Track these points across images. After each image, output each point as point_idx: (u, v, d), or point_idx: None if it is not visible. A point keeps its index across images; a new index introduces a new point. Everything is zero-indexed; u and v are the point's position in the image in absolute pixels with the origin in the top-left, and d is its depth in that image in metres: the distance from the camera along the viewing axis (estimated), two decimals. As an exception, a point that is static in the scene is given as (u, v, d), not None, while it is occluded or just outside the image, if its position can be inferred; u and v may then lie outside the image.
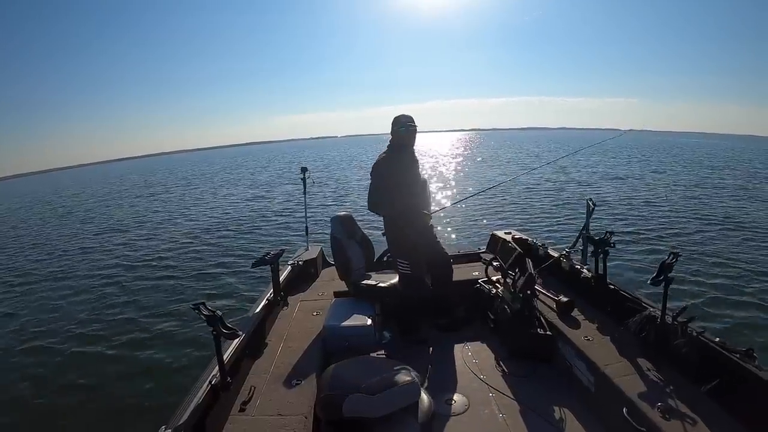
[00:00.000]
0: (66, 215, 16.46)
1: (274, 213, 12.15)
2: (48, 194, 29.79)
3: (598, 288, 2.45)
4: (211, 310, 1.66)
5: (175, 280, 6.77)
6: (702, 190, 13.40)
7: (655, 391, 1.70)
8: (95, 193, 26.01)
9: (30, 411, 3.66)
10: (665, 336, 1.88)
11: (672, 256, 1.92)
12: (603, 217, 8.99)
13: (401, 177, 2.65)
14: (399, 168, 2.65)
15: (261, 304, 2.50)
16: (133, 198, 19.89)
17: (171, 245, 9.18)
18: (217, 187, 20.73)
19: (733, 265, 6.10)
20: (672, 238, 7.69)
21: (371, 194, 2.70)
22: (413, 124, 2.63)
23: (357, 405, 1.46)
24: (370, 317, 2.44)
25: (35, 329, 5.30)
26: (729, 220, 8.91)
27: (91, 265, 8.15)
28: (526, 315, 2.43)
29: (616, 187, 13.99)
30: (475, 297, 2.95)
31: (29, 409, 3.67)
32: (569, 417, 1.97)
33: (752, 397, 1.54)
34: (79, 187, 34.17)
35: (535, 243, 3.18)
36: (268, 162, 41.26)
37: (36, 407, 3.69)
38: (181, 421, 1.45)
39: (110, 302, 6.01)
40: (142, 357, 4.38)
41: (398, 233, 2.69)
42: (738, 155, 30.77)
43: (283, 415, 1.68)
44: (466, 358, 2.56)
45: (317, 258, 3.43)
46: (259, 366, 2.07)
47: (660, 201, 11.34)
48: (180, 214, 13.66)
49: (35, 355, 4.64)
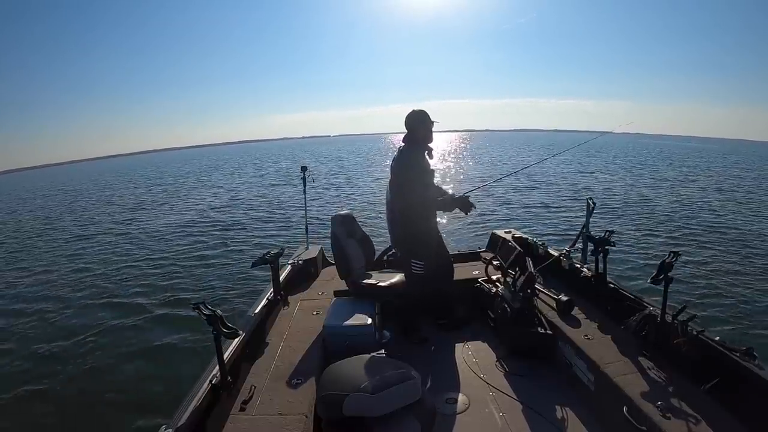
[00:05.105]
0: (65, 215, 16.43)
1: (274, 212, 12.15)
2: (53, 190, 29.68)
3: (598, 287, 2.45)
4: (211, 309, 1.65)
5: (175, 279, 6.76)
6: (702, 190, 13.43)
7: (656, 390, 1.70)
8: (80, 191, 25.82)
9: (30, 411, 3.65)
10: (665, 335, 1.88)
11: (672, 255, 1.92)
12: (603, 217, 9.00)
13: (430, 174, 2.66)
14: (426, 165, 2.65)
15: (261, 304, 2.50)
16: (126, 197, 19.76)
17: (170, 245, 9.16)
18: (216, 187, 20.70)
19: (733, 264, 6.11)
20: (672, 238, 7.71)
21: (411, 190, 2.53)
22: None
23: (357, 404, 1.46)
24: (371, 316, 2.44)
25: (34, 330, 5.29)
26: (729, 220, 8.93)
27: (90, 265, 8.13)
28: (526, 314, 2.43)
29: (616, 187, 14.00)
30: (476, 296, 2.95)
31: (29, 409, 3.67)
32: (569, 416, 1.97)
33: (752, 396, 1.54)
34: (61, 186, 33.80)
35: (535, 242, 3.19)
36: (268, 160, 41.42)
37: (35, 407, 3.69)
38: (182, 421, 1.45)
39: (110, 302, 6.00)
40: (142, 357, 4.37)
41: (418, 233, 2.64)
42: (737, 159, 30.89)
43: (284, 415, 1.68)
44: (467, 357, 2.56)
45: (317, 257, 3.43)
46: (259, 365, 2.07)
47: (660, 201, 11.36)
48: (177, 211, 13.63)
49: (35, 354, 4.63)
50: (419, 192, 2.54)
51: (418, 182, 2.55)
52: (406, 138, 2.64)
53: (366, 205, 12.12)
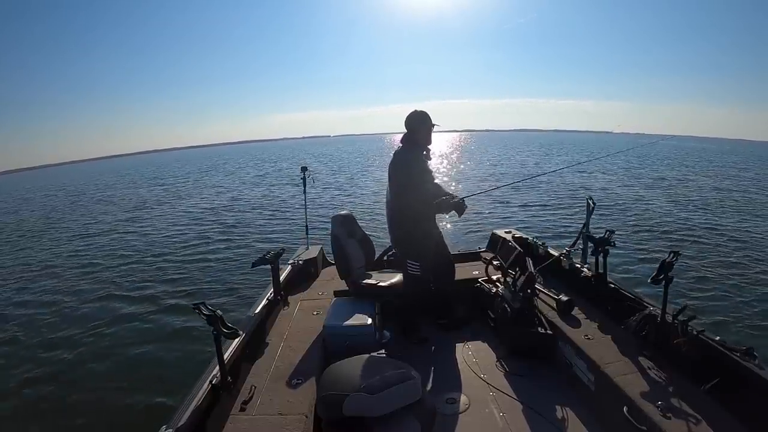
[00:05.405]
0: (66, 215, 16.43)
1: (274, 213, 12.14)
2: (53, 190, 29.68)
3: (599, 287, 2.45)
4: (211, 309, 1.65)
5: (175, 280, 6.75)
6: (702, 190, 13.42)
7: (656, 390, 1.70)
8: (87, 190, 25.88)
9: (29, 411, 3.65)
10: (665, 335, 1.88)
11: (672, 254, 1.92)
12: (603, 217, 8.99)
13: (429, 174, 2.67)
14: (426, 165, 2.65)
15: (261, 304, 2.50)
16: (126, 197, 19.76)
17: (170, 245, 9.15)
18: (216, 187, 20.69)
19: (734, 264, 6.11)
20: (672, 237, 7.70)
21: (409, 191, 2.53)
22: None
23: (357, 404, 1.46)
24: (371, 316, 2.44)
25: (33, 330, 5.29)
26: (729, 220, 8.92)
27: (90, 266, 8.13)
28: (526, 314, 2.43)
29: (616, 187, 14.00)
30: (476, 296, 2.95)
31: (28, 409, 3.67)
32: (570, 416, 1.97)
33: (752, 396, 1.54)
34: (72, 184, 33.91)
35: (535, 242, 3.18)
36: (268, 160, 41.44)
37: (35, 408, 3.69)
38: (182, 421, 1.45)
39: (109, 302, 6.00)
40: (142, 357, 4.37)
41: (415, 234, 2.63)
42: (736, 158, 30.90)
43: (284, 415, 1.68)
44: (467, 357, 2.56)
45: (317, 257, 3.43)
46: (259, 365, 2.07)
47: (660, 200, 11.35)
48: (178, 212, 13.63)
49: (34, 355, 4.63)
50: (417, 193, 2.53)
51: (416, 183, 2.54)
52: (404, 138, 2.63)
53: (366, 205, 12.12)
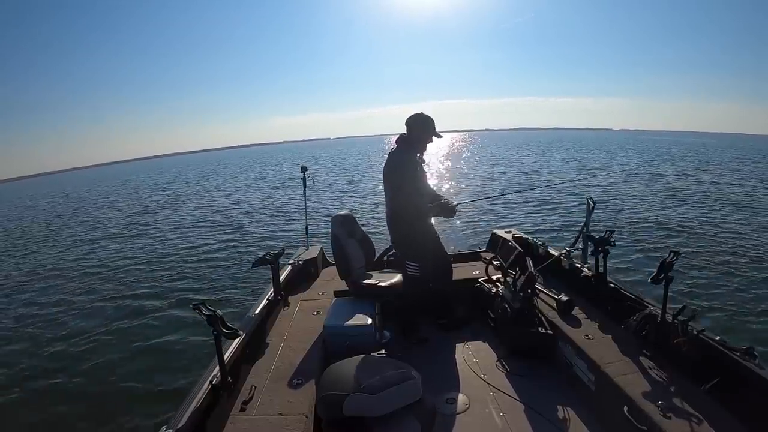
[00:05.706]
0: (69, 220, 16.45)
1: (274, 213, 12.14)
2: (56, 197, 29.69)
3: (599, 287, 2.45)
4: (211, 309, 1.65)
5: (175, 280, 6.76)
6: (702, 189, 13.41)
7: (656, 390, 1.70)
8: (89, 196, 25.91)
9: (29, 411, 3.65)
10: (666, 334, 1.88)
11: (672, 254, 1.92)
12: (603, 216, 8.99)
13: (423, 177, 2.67)
14: (420, 168, 2.65)
15: (261, 304, 2.50)
16: (128, 202, 19.79)
17: (170, 246, 9.17)
18: (217, 190, 20.70)
19: (733, 263, 6.10)
20: (672, 237, 7.70)
21: (404, 193, 2.54)
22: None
23: (358, 404, 1.46)
24: (371, 317, 2.44)
25: (32, 331, 5.29)
26: (730, 220, 8.91)
27: (93, 268, 8.14)
28: (526, 314, 2.43)
29: (616, 187, 13.99)
30: (476, 296, 2.95)
31: (28, 410, 3.67)
32: (570, 416, 1.97)
33: (752, 396, 1.54)
34: (74, 191, 33.99)
35: (535, 242, 3.18)
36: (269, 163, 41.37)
37: (35, 408, 3.69)
38: (182, 422, 1.45)
39: (110, 302, 6.01)
40: (142, 357, 4.38)
41: (413, 234, 2.63)
42: (734, 153, 30.92)
43: (284, 415, 1.68)
44: (467, 357, 2.56)
45: (317, 257, 3.43)
46: (259, 366, 2.07)
47: (660, 200, 11.35)
48: (179, 214, 13.65)
49: (33, 355, 4.64)
50: (410, 195, 2.55)
51: (411, 185, 2.55)
52: (400, 139, 2.63)
53: (366, 206, 12.12)
